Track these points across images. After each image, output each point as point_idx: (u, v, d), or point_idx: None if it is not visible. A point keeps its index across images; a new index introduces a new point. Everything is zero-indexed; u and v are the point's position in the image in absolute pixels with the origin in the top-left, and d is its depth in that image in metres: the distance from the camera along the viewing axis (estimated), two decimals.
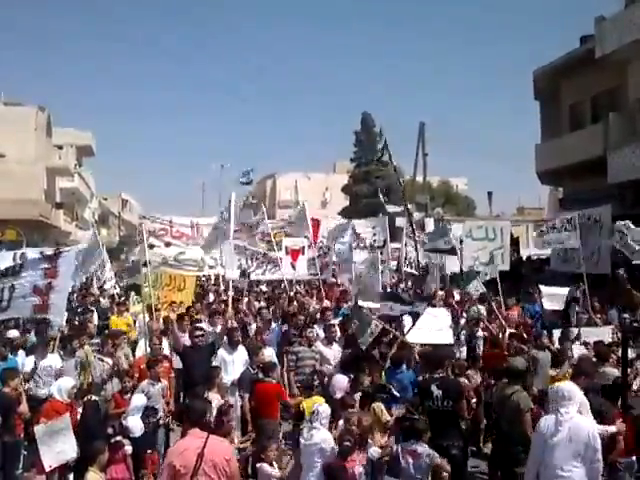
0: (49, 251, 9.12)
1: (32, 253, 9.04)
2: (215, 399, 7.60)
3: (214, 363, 9.28)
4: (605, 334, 10.48)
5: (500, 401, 7.34)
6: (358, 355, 9.41)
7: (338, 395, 8.02)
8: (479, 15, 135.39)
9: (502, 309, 12.50)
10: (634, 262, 12.73)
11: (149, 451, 7.69)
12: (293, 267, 16.25)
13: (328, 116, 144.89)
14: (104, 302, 16.63)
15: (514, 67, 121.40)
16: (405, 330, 10.25)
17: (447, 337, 10.00)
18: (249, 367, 9.08)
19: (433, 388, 7.27)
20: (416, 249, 18.20)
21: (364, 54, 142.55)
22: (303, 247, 16.62)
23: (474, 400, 8.83)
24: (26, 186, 34.21)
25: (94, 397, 7.95)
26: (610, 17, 21.24)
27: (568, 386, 6.03)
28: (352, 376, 8.37)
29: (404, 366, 8.85)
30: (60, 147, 44.31)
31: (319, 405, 6.68)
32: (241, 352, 9.64)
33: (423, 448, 6.30)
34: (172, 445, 5.97)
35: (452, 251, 15.74)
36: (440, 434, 6.86)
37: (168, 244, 18.51)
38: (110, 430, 7.24)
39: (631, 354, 8.77)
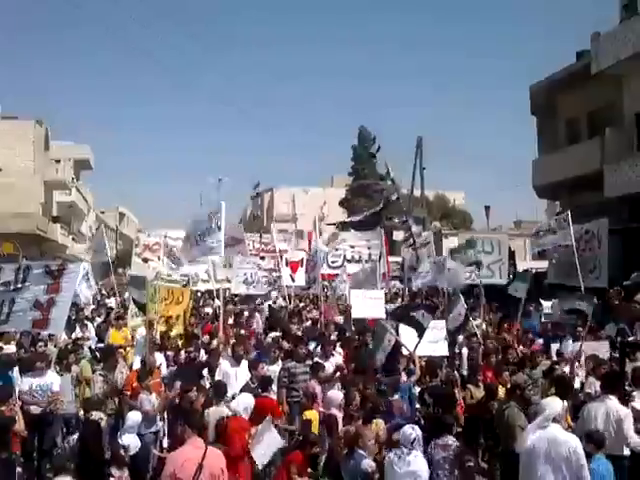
0: (54, 266, 8.99)
1: (36, 268, 8.89)
2: (222, 413, 7.62)
3: (217, 377, 9.30)
4: (602, 348, 10.43)
5: (497, 417, 7.37)
6: (357, 369, 9.48)
7: (333, 411, 8.03)
8: (477, 30, 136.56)
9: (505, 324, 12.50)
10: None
11: None
12: (292, 279, 16.32)
13: (326, 130, 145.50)
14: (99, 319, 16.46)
15: (512, 82, 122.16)
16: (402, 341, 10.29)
17: (442, 349, 10.25)
18: (249, 381, 9.10)
19: (426, 396, 7.92)
20: (417, 260, 18.09)
21: (362, 68, 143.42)
22: (302, 259, 16.69)
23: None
24: (23, 200, 34.13)
25: (96, 414, 7.84)
26: (606, 33, 21.42)
27: (546, 401, 6.08)
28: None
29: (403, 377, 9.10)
30: (57, 161, 44.33)
31: (415, 429, 6.39)
32: (244, 367, 9.69)
33: (452, 441, 6.50)
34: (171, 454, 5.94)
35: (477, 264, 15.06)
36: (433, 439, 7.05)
37: (161, 258, 18.47)
38: None
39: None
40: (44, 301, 8.66)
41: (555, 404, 5.92)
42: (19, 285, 8.61)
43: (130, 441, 7.37)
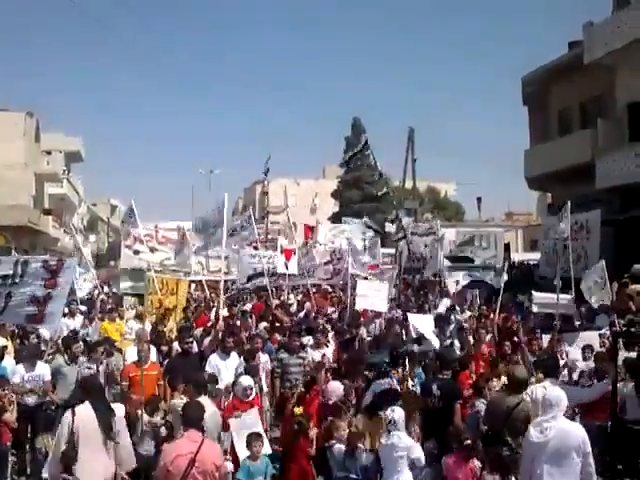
0: (52, 261, 8.89)
1: (35, 263, 8.79)
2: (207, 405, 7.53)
3: (207, 369, 9.23)
4: (593, 339, 10.48)
5: (503, 411, 6.88)
6: (352, 359, 9.50)
7: (333, 401, 8.00)
8: (468, 20, 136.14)
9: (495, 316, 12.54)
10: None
11: None
12: (286, 266, 16.39)
13: (316, 121, 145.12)
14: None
15: (503, 72, 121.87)
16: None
17: (433, 342, 10.31)
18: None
19: (434, 388, 7.83)
20: (409, 251, 18.14)
21: (352, 58, 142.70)
22: (294, 248, 16.75)
23: None
24: (15, 192, 33.99)
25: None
26: (598, 23, 21.41)
27: (555, 392, 5.92)
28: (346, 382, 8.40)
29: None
30: (49, 152, 44.06)
31: (394, 411, 6.48)
32: (234, 358, 9.58)
33: None
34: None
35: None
36: (434, 431, 7.18)
37: (153, 250, 18.42)
38: None
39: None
40: (41, 296, 8.58)
41: (561, 394, 5.79)
42: (17, 280, 8.50)
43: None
